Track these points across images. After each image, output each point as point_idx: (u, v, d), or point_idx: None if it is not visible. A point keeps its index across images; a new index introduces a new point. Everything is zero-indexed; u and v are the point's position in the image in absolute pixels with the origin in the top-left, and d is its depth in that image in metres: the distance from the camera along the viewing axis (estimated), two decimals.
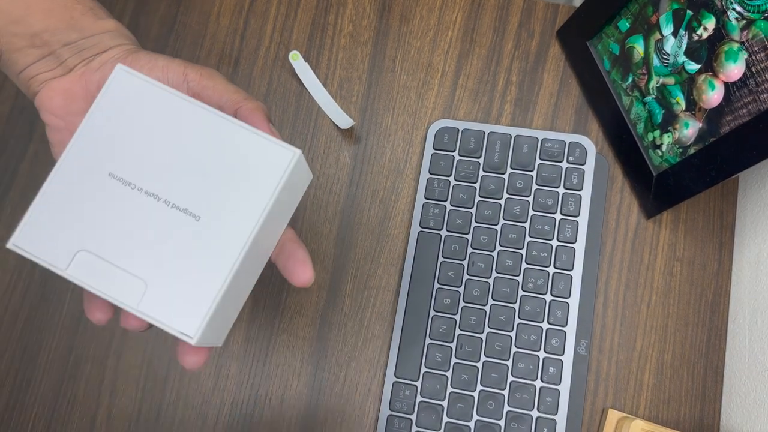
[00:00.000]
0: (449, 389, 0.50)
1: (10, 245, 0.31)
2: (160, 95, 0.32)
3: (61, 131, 0.37)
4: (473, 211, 0.53)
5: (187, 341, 0.30)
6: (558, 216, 0.52)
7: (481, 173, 0.54)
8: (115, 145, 0.32)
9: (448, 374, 0.50)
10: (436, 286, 0.52)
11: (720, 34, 0.44)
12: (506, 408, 0.49)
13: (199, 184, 0.31)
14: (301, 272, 0.35)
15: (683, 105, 0.48)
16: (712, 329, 0.52)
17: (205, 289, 0.30)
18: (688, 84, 0.47)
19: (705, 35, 0.45)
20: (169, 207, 0.31)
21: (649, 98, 0.51)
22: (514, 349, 0.50)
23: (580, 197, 0.52)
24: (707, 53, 0.45)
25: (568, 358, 0.50)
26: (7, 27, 0.35)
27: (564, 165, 0.53)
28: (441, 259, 0.52)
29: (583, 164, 0.53)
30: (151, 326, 0.32)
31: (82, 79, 0.36)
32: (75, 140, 0.32)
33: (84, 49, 0.37)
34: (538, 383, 0.49)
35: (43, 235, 0.31)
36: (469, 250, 0.52)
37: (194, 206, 0.31)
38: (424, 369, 0.50)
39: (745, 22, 0.42)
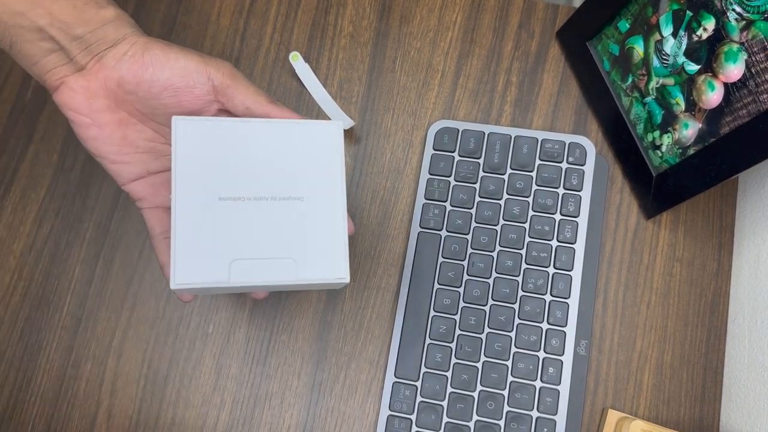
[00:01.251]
0: (449, 389, 0.50)
1: (173, 287, 0.36)
2: (219, 125, 0.39)
3: (89, 127, 0.39)
4: (473, 211, 0.53)
5: (344, 283, 0.39)
6: (558, 216, 0.52)
7: (481, 174, 0.54)
8: (208, 176, 0.38)
9: (448, 374, 0.50)
10: (436, 286, 0.52)
11: (720, 35, 0.44)
12: (506, 408, 0.49)
13: (289, 175, 0.39)
14: None
15: (683, 106, 0.48)
16: (712, 329, 0.52)
17: (335, 242, 0.39)
18: (688, 85, 0.48)
19: (705, 36, 0.45)
20: (277, 201, 0.38)
21: (648, 99, 0.51)
22: (513, 349, 0.50)
23: (580, 198, 0.52)
24: (707, 54, 0.46)
25: (567, 359, 0.50)
26: (14, 19, 0.36)
27: (564, 165, 0.53)
28: (441, 259, 0.52)
29: (582, 165, 0.53)
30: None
31: (100, 77, 0.38)
32: (176, 188, 0.37)
33: (92, 44, 0.37)
34: (538, 383, 0.50)
35: (195, 265, 0.36)
36: (469, 250, 0.52)
37: (295, 192, 0.39)
38: (424, 369, 0.50)
39: (744, 22, 0.42)
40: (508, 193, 0.53)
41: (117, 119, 0.40)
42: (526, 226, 0.52)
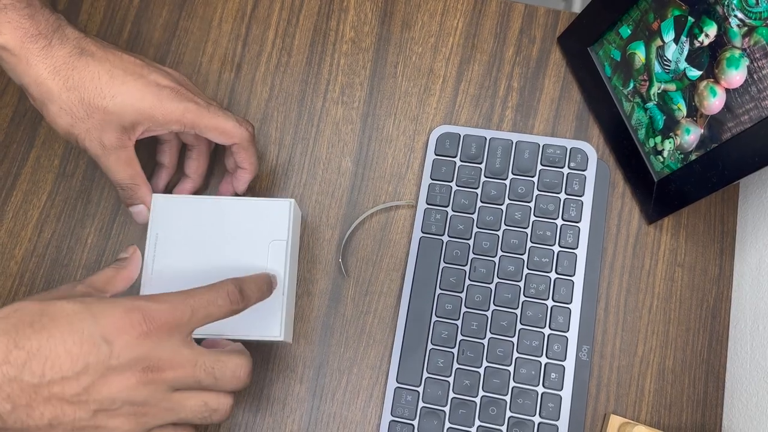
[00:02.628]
0: (451, 395, 0.50)
1: None
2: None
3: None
4: (475, 216, 0.53)
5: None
6: (559, 222, 0.52)
7: (483, 179, 0.54)
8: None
9: (450, 380, 0.50)
10: (438, 291, 0.52)
11: (721, 41, 0.44)
12: (508, 414, 0.49)
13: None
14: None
15: (684, 111, 0.48)
16: (714, 334, 0.52)
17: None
18: (690, 90, 0.48)
19: (706, 42, 0.46)
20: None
21: (650, 104, 0.51)
22: (515, 354, 0.50)
23: (582, 203, 0.53)
24: (709, 60, 0.46)
25: (569, 364, 0.50)
26: None
27: (565, 171, 0.53)
28: (443, 264, 0.52)
29: (584, 170, 0.53)
30: None
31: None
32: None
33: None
34: (540, 389, 0.50)
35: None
36: (471, 255, 0.52)
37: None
38: (426, 374, 0.50)
39: (746, 28, 0.43)
40: (509, 199, 0.53)
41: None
42: (528, 231, 0.52)
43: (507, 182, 0.53)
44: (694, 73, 0.47)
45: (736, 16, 0.43)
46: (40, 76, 0.42)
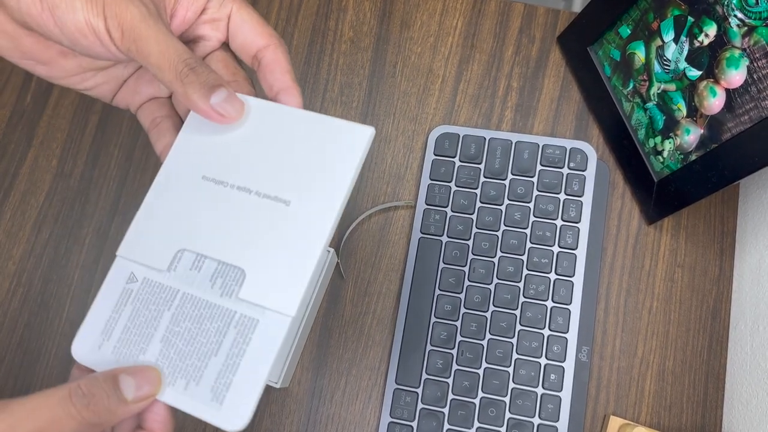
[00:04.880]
0: (450, 396, 0.50)
1: (117, 254, 0.33)
2: (245, 100, 0.34)
3: (35, 66, 0.35)
4: (474, 217, 0.53)
5: (285, 318, 0.31)
6: (559, 222, 0.52)
7: (482, 179, 0.53)
8: (205, 152, 0.34)
9: (449, 381, 0.50)
10: (437, 292, 0.52)
11: (721, 41, 0.44)
12: (507, 415, 0.49)
13: (286, 172, 0.33)
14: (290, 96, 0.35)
15: (684, 111, 0.48)
16: (714, 335, 0.52)
17: (298, 269, 0.31)
18: (690, 90, 0.47)
19: (706, 42, 0.45)
20: (260, 197, 0.33)
21: (650, 104, 0.51)
22: (515, 355, 0.50)
23: (581, 203, 0.52)
24: (708, 60, 0.45)
25: (569, 365, 0.50)
26: None
27: (565, 171, 0.53)
28: (442, 265, 0.52)
29: (584, 170, 0.53)
30: None
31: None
32: (171, 154, 0.34)
33: None
34: (540, 390, 0.49)
35: (143, 243, 0.33)
36: (470, 256, 0.52)
37: (283, 192, 0.33)
38: (425, 375, 0.50)
39: (746, 28, 0.42)
40: (509, 199, 0.53)
41: (57, 51, 0.34)
42: (527, 231, 0.52)
43: (506, 182, 0.53)
44: (694, 73, 0.47)
45: (735, 15, 0.43)
46: None
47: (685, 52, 0.47)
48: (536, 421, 0.49)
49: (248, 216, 0.32)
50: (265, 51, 0.35)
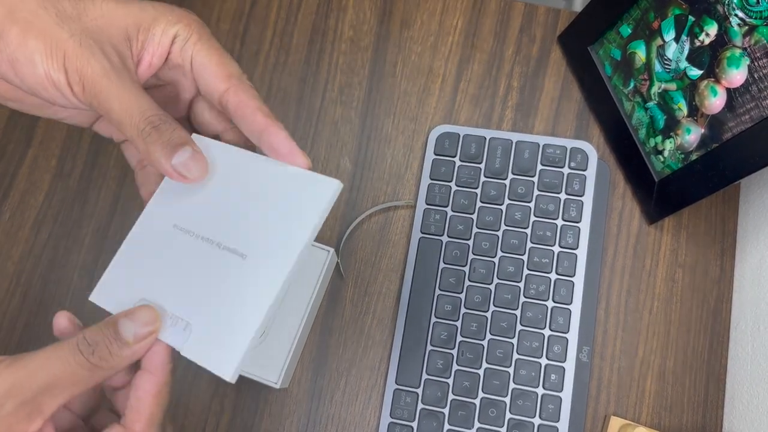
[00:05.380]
0: (450, 396, 0.50)
1: (90, 298, 0.34)
2: (228, 151, 0.34)
3: (6, 102, 0.34)
4: (474, 216, 0.53)
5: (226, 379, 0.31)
6: (559, 222, 0.52)
7: (483, 179, 0.53)
8: (180, 201, 0.34)
9: (450, 381, 0.50)
10: (437, 292, 0.51)
11: (722, 40, 0.44)
12: (508, 415, 0.49)
13: (248, 224, 0.33)
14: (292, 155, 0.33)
15: (685, 111, 0.48)
16: (714, 336, 0.52)
17: (241, 329, 0.31)
18: (690, 90, 0.47)
19: (707, 41, 0.45)
20: (221, 249, 0.32)
21: (650, 104, 0.51)
22: (515, 355, 0.50)
23: (582, 203, 0.52)
24: (709, 59, 0.45)
25: (569, 365, 0.50)
26: None
27: (565, 171, 0.53)
28: (442, 265, 0.52)
29: (584, 170, 0.53)
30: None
31: None
32: (150, 204, 0.35)
33: None
34: (540, 390, 0.49)
35: (112, 289, 0.34)
36: (471, 256, 0.52)
37: (241, 245, 0.32)
38: (425, 376, 0.50)
39: (747, 28, 0.42)
40: (509, 199, 0.53)
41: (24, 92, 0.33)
42: (528, 231, 0.52)
43: (507, 182, 0.53)
44: (695, 72, 0.47)
45: (736, 15, 0.43)
46: None
47: (686, 52, 0.47)
48: (537, 421, 0.49)
49: (207, 268, 0.32)
50: (227, 95, 0.33)
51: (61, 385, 0.29)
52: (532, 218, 0.52)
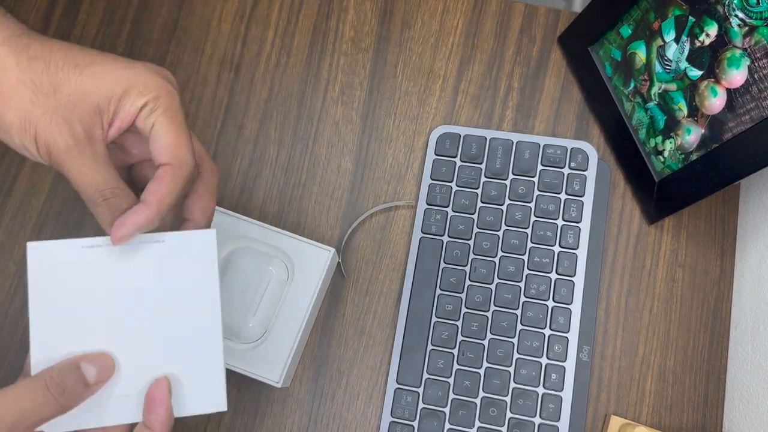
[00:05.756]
0: (451, 396, 0.50)
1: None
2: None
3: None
4: (475, 216, 0.53)
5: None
6: (560, 222, 0.52)
7: (483, 179, 0.53)
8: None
9: (450, 381, 0.50)
10: (438, 292, 0.52)
11: (722, 41, 0.44)
12: (508, 415, 0.49)
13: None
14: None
15: (685, 111, 0.48)
16: (714, 335, 0.52)
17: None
18: (690, 90, 0.48)
19: (707, 42, 0.45)
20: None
21: (651, 104, 0.51)
22: (516, 355, 0.50)
23: (582, 203, 0.52)
24: (709, 59, 0.46)
25: (570, 365, 0.50)
26: None
27: (566, 171, 0.53)
28: (443, 264, 0.52)
29: (584, 170, 0.53)
30: None
31: None
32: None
33: None
34: (541, 390, 0.49)
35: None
36: (471, 255, 0.52)
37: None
38: (426, 375, 0.50)
39: (747, 28, 0.42)
40: (510, 199, 0.53)
41: None
42: (528, 231, 0.52)
43: (507, 182, 0.53)
44: (695, 72, 0.47)
45: (736, 15, 0.43)
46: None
47: (686, 52, 0.47)
48: (537, 420, 0.49)
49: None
50: (161, 170, 0.36)
51: (29, 421, 0.32)
52: (533, 218, 0.52)
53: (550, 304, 0.51)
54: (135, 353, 0.35)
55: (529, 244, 0.52)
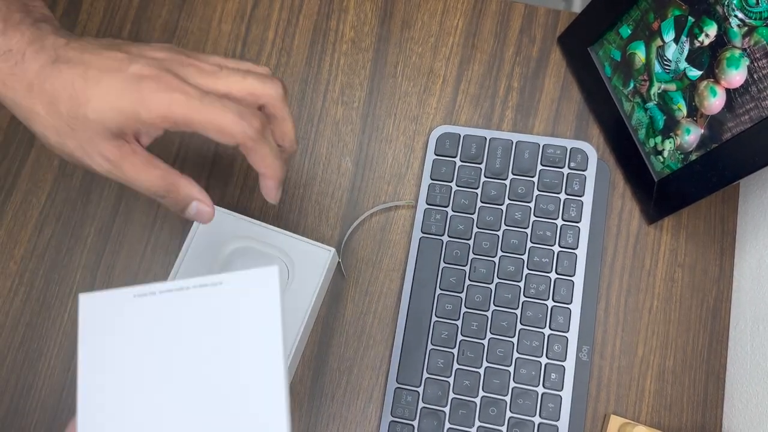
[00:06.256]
0: (451, 395, 0.50)
1: None
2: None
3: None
4: (475, 216, 0.53)
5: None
6: (559, 222, 0.52)
7: (483, 179, 0.54)
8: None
9: (450, 380, 0.50)
10: (438, 291, 0.52)
11: (722, 41, 0.44)
12: (508, 414, 0.49)
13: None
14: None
15: (685, 111, 0.48)
16: (714, 335, 0.52)
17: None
18: (690, 90, 0.48)
19: (707, 42, 0.45)
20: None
21: (650, 104, 0.51)
22: (516, 355, 0.50)
23: (582, 203, 0.52)
24: (709, 60, 0.46)
25: (569, 364, 0.50)
26: None
27: (565, 171, 0.53)
28: (443, 264, 0.52)
29: (584, 170, 0.53)
30: None
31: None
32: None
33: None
34: (540, 389, 0.49)
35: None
36: (471, 255, 0.52)
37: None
38: (425, 375, 0.50)
39: (746, 28, 0.43)
40: (509, 199, 0.53)
41: None
42: (528, 231, 0.52)
43: (507, 182, 0.53)
44: (695, 73, 0.47)
45: (736, 15, 0.43)
46: (17, 97, 0.38)
47: (686, 52, 0.47)
48: (537, 420, 0.49)
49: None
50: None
51: None
52: (532, 218, 0.53)
53: (550, 303, 0.51)
54: (188, 418, 0.32)
55: (529, 244, 0.52)
